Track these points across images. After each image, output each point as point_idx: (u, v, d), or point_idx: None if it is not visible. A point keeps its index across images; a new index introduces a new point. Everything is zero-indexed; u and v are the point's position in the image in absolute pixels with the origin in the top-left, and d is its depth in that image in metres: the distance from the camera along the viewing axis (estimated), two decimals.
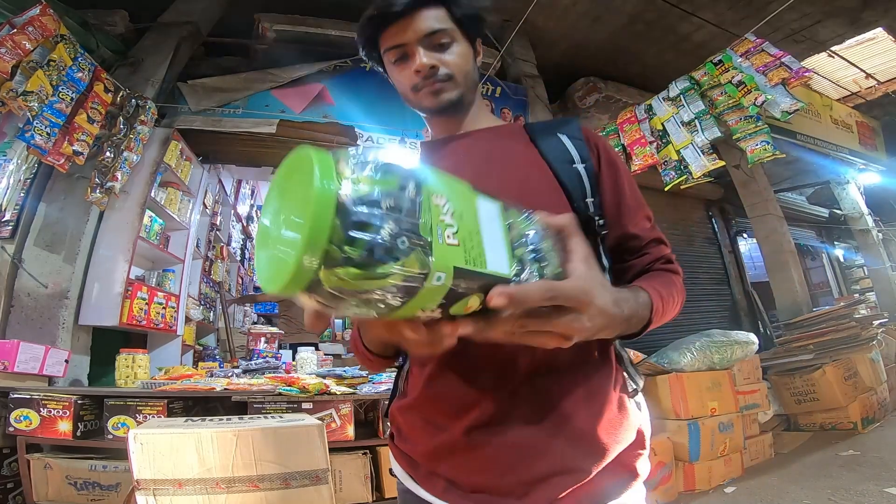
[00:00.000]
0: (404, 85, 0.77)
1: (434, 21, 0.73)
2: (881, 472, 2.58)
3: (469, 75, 0.77)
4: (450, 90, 0.75)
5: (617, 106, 4.35)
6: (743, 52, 2.94)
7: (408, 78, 0.75)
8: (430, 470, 0.66)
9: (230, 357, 4.18)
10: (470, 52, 0.78)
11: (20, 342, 2.13)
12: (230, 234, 5.11)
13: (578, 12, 3.96)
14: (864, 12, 4.10)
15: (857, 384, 3.50)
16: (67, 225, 2.74)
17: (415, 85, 0.75)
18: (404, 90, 0.78)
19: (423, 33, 0.72)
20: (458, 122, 0.81)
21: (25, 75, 2.27)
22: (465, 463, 0.62)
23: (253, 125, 3.43)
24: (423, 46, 0.73)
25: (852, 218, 6.30)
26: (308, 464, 1.34)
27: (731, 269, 6.11)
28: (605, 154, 0.75)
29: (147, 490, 1.18)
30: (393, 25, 0.73)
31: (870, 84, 5.59)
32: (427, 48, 0.73)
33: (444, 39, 0.74)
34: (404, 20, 0.72)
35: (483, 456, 0.61)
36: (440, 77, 0.74)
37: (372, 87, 3.86)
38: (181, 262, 3.40)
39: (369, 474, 2.11)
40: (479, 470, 0.62)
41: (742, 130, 2.92)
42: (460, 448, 0.62)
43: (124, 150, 2.76)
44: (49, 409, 1.97)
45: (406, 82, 0.76)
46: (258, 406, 2.07)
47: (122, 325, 2.65)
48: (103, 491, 1.90)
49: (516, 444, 0.60)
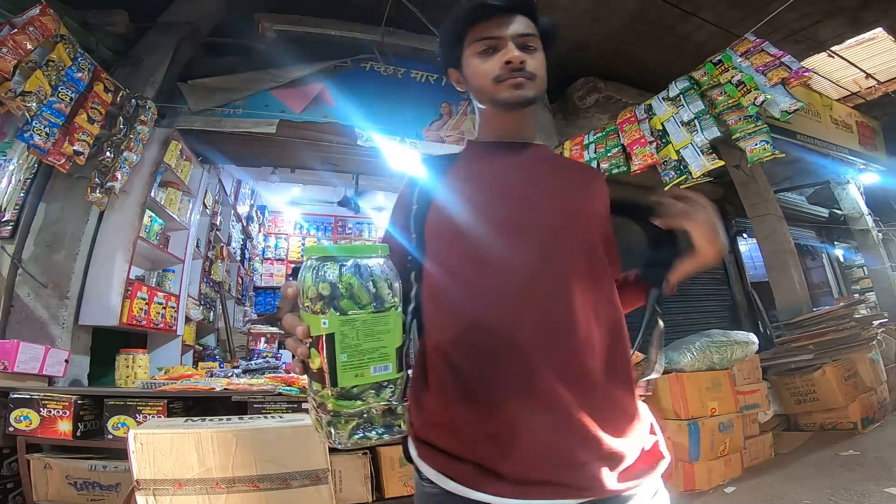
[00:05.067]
0: (485, 75, 0.80)
1: (527, 26, 0.80)
2: (881, 472, 2.58)
3: (543, 84, 0.82)
4: (529, 88, 0.79)
5: (617, 106, 4.35)
6: (743, 52, 2.94)
7: (492, 67, 0.79)
8: (476, 466, 0.64)
9: (230, 357, 4.18)
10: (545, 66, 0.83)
11: (20, 342, 2.14)
12: (230, 234, 5.10)
13: (578, 12, 3.95)
14: (864, 12, 4.10)
15: (857, 384, 3.50)
16: (67, 225, 2.74)
17: (498, 75, 0.78)
18: (483, 81, 0.80)
19: (517, 32, 0.79)
20: (518, 126, 0.85)
21: (24, 75, 2.26)
22: (516, 452, 0.64)
23: (253, 125, 3.43)
24: (514, 43, 0.78)
25: (852, 218, 6.30)
26: (308, 464, 1.34)
27: (730, 269, 6.11)
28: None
29: (147, 490, 1.18)
30: (490, 20, 0.79)
31: (870, 84, 5.59)
32: (518, 47, 0.79)
33: (531, 44, 0.80)
34: (503, 17, 0.79)
35: (534, 445, 0.64)
36: (525, 73, 0.78)
37: (372, 87, 3.86)
38: (181, 262, 3.40)
39: (369, 474, 2.11)
40: (530, 459, 0.63)
41: (742, 130, 2.91)
42: (508, 440, 0.64)
43: (124, 150, 2.76)
44: (49, 409, 1.97)
45: (489, 72, 0.79)
46: (258, 406, 2.07)
47: (122, 325, 2.66)
48: (103, 491, 1.90)
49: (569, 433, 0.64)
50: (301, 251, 7.21)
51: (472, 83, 0.83)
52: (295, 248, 7.25)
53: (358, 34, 3.66)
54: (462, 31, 0.82)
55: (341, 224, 7.68)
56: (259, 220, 6.68)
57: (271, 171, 4.46)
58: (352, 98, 3.67)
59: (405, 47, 3.83)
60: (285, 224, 7.35)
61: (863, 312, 4.22)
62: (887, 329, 4.30)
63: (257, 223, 6.59)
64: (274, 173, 4.48)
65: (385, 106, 3.80)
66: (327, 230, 7.57)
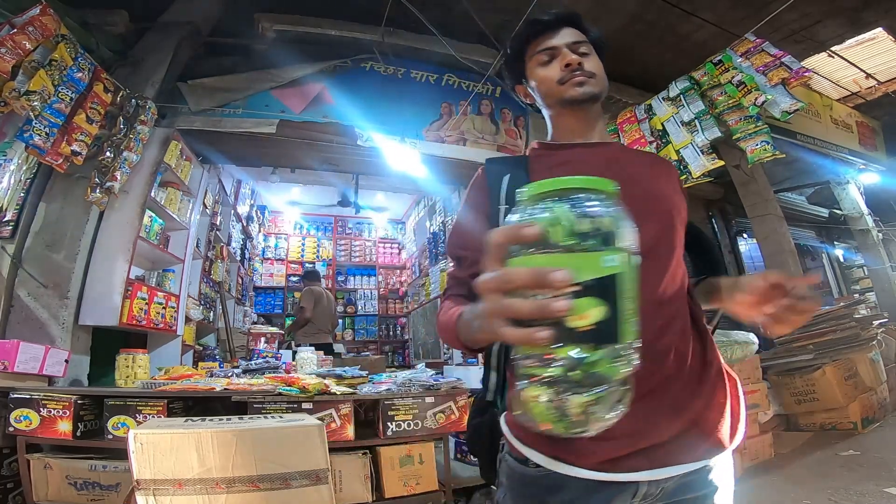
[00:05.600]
0: (550, 80, 0.87)
1: (577, 35, 0.89)
2: (881, 472, 2.58)
3: (605, 83, 0.88)
4: (592, 84, 0.85)
5: (617, 106, 4.35)
6: (743, 52, 2.94)
7: (555, 72, 0.87)
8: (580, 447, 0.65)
9: (230, 357, 4.19)
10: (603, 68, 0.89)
11: (20, 342, 2.13)
12: (230, 234, 5.11)
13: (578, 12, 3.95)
14: (864, 12, 4.10)
15: (857, 384, 3.50)
16: (67, 225, 2.74)
17: (561, 78, 0.85)
18: (549, 86, 0.87)
19: (569, 41, 0.88)
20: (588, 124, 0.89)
21: (28, 75, 2.26)
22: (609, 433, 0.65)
23: (253, 125, 3.43)
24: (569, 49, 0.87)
25: (852, 218, 6.30)
26: (308, 464, 1.34)
27: (731, 269, 6.11)
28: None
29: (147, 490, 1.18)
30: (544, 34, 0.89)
31: (870, 84, 5.59)
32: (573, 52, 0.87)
33: (584, 49, 0.88)
34: (555, 31, 0.89)
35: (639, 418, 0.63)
36: (585, 71, 0.85)
37: (372, 87, 3.87)
38: (181, 262, 3.40)
39: (369, 474, 2.11)
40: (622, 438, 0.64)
41: (742, 130, 2.91)
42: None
43: (124, 150, 2.76)
44: (49, 409, 1.97)
45: (553, 76, 0.87)
46: (258, 406, 2.07)
47: (122, 325, 2.65)
48: (103, 491, 1.90)
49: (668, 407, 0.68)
50: (301, 252, 7.22)
51: (538, 91, 0.90)
52: (295, 248, 7.26)
53: (358, 34, 3.66)
54: (521, 48, 0.92)
55: (341, 224, 7.68)
56: (259, 220, 6.68)
57: (271, 171, 4.46)
58: (352, 98, 3.67)
59: (405, 47, 3.83)
60: (285, 224, 7.36)
61: (863, 312, 4.21)
62: (887, 329, 4.30)
63: (257, 223, 6.59)
64: (274, 173, 4.49)
65: (385, 106, 3.81)
66: (327, 230, 7.58)
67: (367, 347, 6.91)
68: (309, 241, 7.38)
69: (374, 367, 3.39)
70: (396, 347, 7.15)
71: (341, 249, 7.52)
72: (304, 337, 4.66)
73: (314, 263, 7.00)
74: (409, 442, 2.26)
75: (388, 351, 7.04)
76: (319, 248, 7.39)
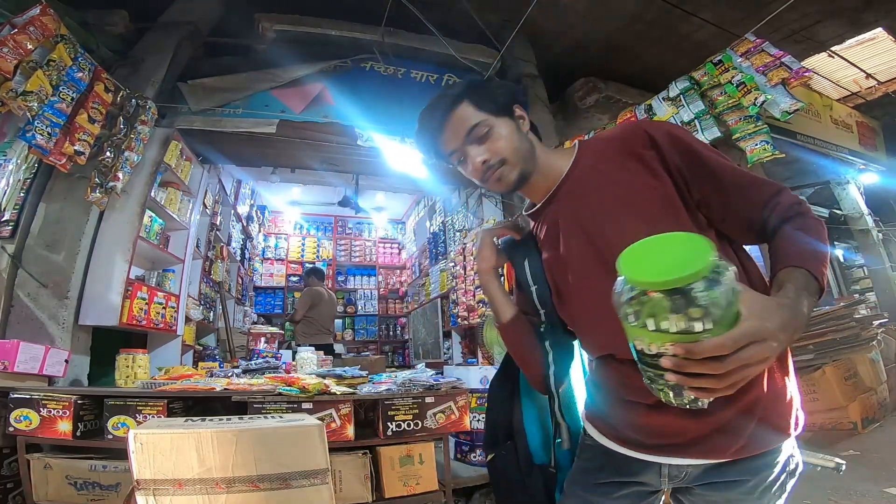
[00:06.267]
0: (475, 177, 0.87)
1: (468, 119, 0.82)
2: (881, 472, 2.58)
3: (519, 149, 0.83)
4: (508, 173, 0.83)
5: (617, 106, 4.35)
6: (743, 52, 2.94)
7: (473, 174, 0.86)
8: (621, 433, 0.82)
9: (230, 357, 4.18)
10: (512, 124, 0.84)
11: (20, 342, 2.13)
12: (230, 234, 5.11)
13: (578, 12, 3.95)
14: (864, 12, 4.10)
15: (857, 384, 3.50)
16: (67, 225, 2.74)
17: (480, 178, 0.85)
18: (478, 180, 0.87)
19: (463, 134, 0.82)
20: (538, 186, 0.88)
21: (25, 75, 2.26)
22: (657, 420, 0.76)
23: (253, 125, 3.43)
24: (469, 144, 0.83)
25: (852, 218, 6.30)
26: (308, 464, 1.34)
27: None
28: (673, 148, 0.78)
29: (147, 490, 1.18)
30: (441, 135, 0.85)
31: (870, 84, 5.59)
32: (474, 143, 0.82)
33: (483, 130, 0.82)
34: (445, 130, 0.83)
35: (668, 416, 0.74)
36: (494, 165, 0.82)
37: (372, 87, 3.87)
38: (181, 262, 3.40)
39: (369, 474, 2.11)
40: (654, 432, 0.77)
41: (742, 130, 2.91)
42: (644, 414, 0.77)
43: (125, 150, 2.76)
44: (49, 409, 1.97)
45: (475, 175, 0.86)
46: (258, 406, 2.07)
47: (122, 325, 2.65)
48: (103, 491, 1.90)
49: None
50: (301, 252, 7.22)
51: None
52: (295, 248, 7.26)
53: (358, 34, 3.66)
54: (427, 155, 0.90)
55: (341, 224, 7.68)
56: (259, 220, 6.68)
57: (271, 171, 4.46)
58: (352, 98, 3.67)
59: (405, 47, 3.83)
60: (285, 224, 7.36)
61: (863, 312, 4.21)
62: (887, 329, 4.30)
63: (257, 223, 6.59)
64: (274, 173, 4.49)
65: (385, 106, 3.80)
66: (327, 230, 7.58)
67: (367, 347, 6.91)
68: (309, 241, 7.38)
69: (373, 367, 3.39)
70: (396, 347, 7.15)
71: (341, 249, 7.52)
72: (305, 337, 4.66)
73: (314, 263, 7.00)
74: (409, 442, 2.25)
75: (388, 351, 7.04)
76: (319, 248, 7.39)
